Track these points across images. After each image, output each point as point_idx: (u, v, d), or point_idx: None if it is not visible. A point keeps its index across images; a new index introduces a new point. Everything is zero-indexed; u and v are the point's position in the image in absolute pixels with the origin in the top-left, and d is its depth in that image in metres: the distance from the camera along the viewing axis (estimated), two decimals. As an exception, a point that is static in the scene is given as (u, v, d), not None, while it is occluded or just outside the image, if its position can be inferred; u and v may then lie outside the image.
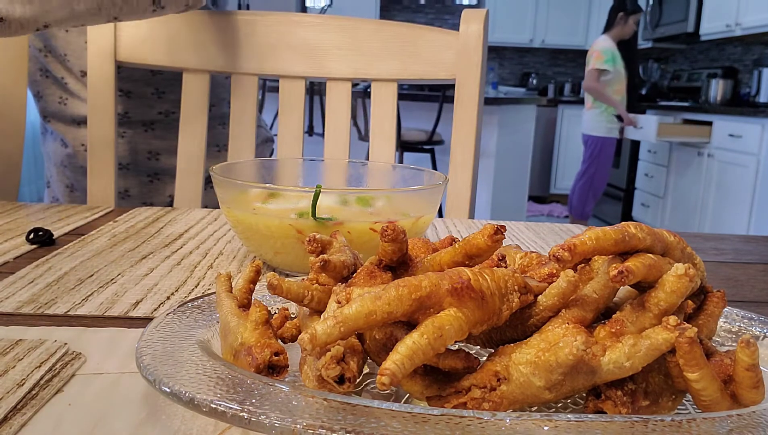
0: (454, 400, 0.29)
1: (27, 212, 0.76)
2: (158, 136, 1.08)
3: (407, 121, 3.71)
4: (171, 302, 0.49)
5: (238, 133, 1.01)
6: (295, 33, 0.98)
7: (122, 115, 1.05)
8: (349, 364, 0.28)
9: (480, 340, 0.32)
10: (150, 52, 0.98)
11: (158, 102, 1.07)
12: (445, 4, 6.50)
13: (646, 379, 0.28)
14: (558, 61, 6.85)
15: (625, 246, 0.29)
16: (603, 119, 4.21)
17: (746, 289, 0.59)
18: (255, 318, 0.32)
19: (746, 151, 3.73)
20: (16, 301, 0.47)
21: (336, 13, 5.37)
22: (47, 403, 0.32)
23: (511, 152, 3.99)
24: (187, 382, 0.28)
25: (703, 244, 0.77)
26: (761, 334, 0.37)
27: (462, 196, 0.95)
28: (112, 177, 0.98)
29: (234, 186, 0.58)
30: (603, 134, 4.24)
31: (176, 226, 0.72)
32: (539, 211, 5.68)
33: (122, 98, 1.04)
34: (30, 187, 2.91)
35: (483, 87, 0.96)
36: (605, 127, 4.22)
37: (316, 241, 0.36)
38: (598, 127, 4.24)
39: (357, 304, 0.27)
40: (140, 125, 1.07)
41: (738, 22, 4.33)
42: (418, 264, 0.34)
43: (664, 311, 0.28)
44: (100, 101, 0.97)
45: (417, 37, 0.96)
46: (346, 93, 0.99)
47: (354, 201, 0.59)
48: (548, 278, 0.33)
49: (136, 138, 1.07)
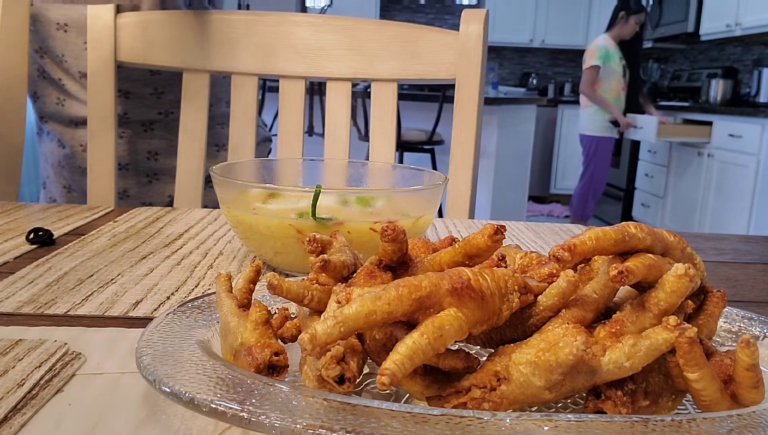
0: (454, 400, 0.29)
1: (27, 212, 0.76)
2: (157, 136, 1.08)
3: (407, 121, 3.71)
4: (171, 302, 0.49)
5: (238, 133, 1.00)
6: (295, 33, 0.98)
7: (121, 116, 1.05)
8: (349, 364, 0.28)
9: (480, 340, 0.32)
10: (150, 52, 0.98)
11: (157, 102, 1.07)
12: (445, 4, 6.50)
13: (646, 379, 0.28)
14: (558, 61, 6.85)
15: (625, 246, 0.29)
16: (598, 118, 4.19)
17: (746, 289, 0.59)
18: (255, 318, 0.32)
19: (746, 151, 3.73)
20: (16, 301, 0.47)
21: (336, 13, 5.37)
22: (47, 403, 0.32)
23: (511, 152, 3.99)
24: (187, 382, 0.28)
25: (703, 244, 0.77)
26: (761, 334, 0.37)
27: (462, 196, 0.95)
28: (112, 177, 0.98)
29: (234, 186, 0.58)
30: (599, 133, 4.23)
31: (176, 226, 0.72)
32: (539, 211, 5.68)
33: (121, 99, 1.04)
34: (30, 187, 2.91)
35: (483, 87, 0.96)
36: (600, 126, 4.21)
37: (316, 241, 0.36)
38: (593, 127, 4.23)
39: (357, 304, 0.27)
40: (139, 125, 1.07)
41: (738, 22, 4.33)
42: (418, 264, 0.34)
43: (664, 311, 0.28)
44: (100, 101, 0.97)
45: (417, 37, 0.96)
46: (346, 93, 0.99)
47: (354, 201, 0.59)
48: (548, 278, 0.33)
49: (135, 138, 1.07)
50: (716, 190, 4.03)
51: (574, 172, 6.20)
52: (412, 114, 3.76)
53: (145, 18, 0.98)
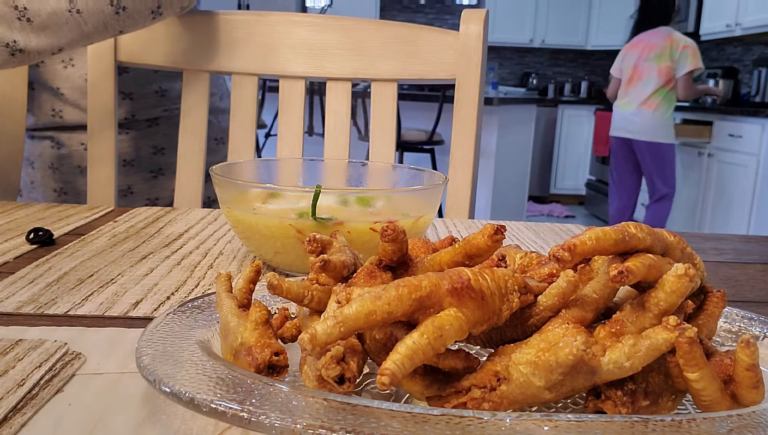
0: (454, 400, 0.29)
1: (27, 212, 0.76)
2: (161, 132, 1.08)
3: (407, 121, 3.71)
4: (171, 302, 0.49)
5: (238, 132, 1.00)
6: (295, 33, 0.98)
7: (128, 118, 1.05)
8: (349, 364, 0.28)
9: (480, 340, 0.32)
10: (150, 52, 0.98)
11: (161, 100, 1.07)
12: (445, 4, 6.50)
13: (646, 379, 0.28)
14: (558, 61, 6.85)
15: (625, 246, 0.29)
16: (672, 123, 3.56)
17: (746, 289, 0.59)
18: (255, 318, 0.32)
19: (746, 151, 3.73)
20: (16, 301, 0.47)
21: (336, 13, 5.38)
22: (47, 403, 0.32)
23: (511, 152, 3.99)
24: (187, 382, 0.28)
25: (703, 244, 0.77)
26: (761, 334, 0.37)
27: (462, 196, 0.95)
28: (113, 177, 0.98)
29: (234, 186, 0.58)
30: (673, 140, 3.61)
31: (176, 226, 0.72)
32: (539, 211, 5.68)
33: (126, 101, 1.04)
34: (30, 187, 2.90)
35: (483, 87, 0.96)
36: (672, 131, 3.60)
37: (316, 241, 0.36)
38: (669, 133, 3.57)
39: (357, 304, 0.27)
40: (144, 123, 1.07)
41: (738, 22, 4.33)
42: (418, 264, 0.34)
43: (664, 311, 0.28)
44: (100, 102, 0.97)
45: (417, 37, 0.96)
46: (346, 93, 0.99)
47: (354, 201, 0.59)
48: (548, 278, 0.33)
49: (139, 135, 1.07)
50: (716, 190, 4.03)
51: (574, 172, 6.21)
52: (412, 114, 3.76)
53: (145, 18, 0.98)
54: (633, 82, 3.58)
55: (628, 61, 3.58)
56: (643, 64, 3.50)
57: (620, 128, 3.71)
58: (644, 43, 3.50)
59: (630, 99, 3.60)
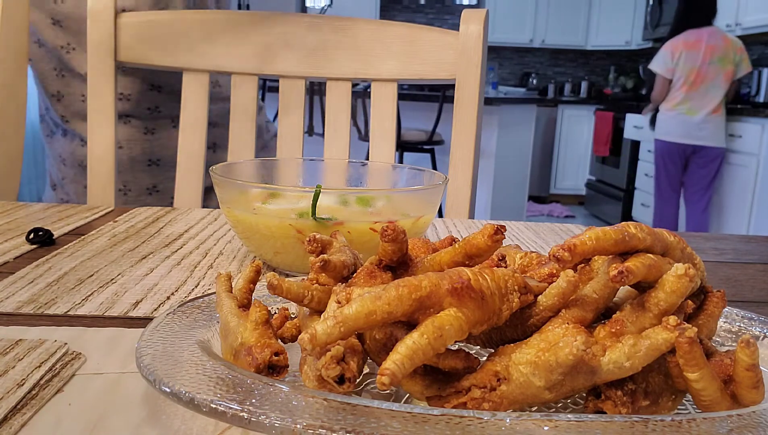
0: (454, 400, 0.29)
1: (27, 212, 0.76)
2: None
3: (407, 121, 3.71)
4: (171, 302, 0.49)
5: (238, 132, 1.00)
6: (295, 33, 0.98)
7: (152, 110, 1.05)
8: (349, 364, 0.28)
9: (480, 340, 0.32)
10: (150, 52, 0.98)
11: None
12: (445, 4, 6.50)
13: (646, 379, 0.28)
14: (558, 61, 6.85)
15: (625, 246, 0.29)
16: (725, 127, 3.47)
17: (746, 289, 0.59)
18: (255, 318, 0.32)
19: (746, 151, 3.72)
20: (16, 301, 0.47)
21: (336, 13, 5.37)
22: (47, 403, 0.32)
23: (511, 152, 3.99)
24: (187, 382, 0.28)
25: (703, 244, 0.77)
26: (761, 334, 0.37)
27: (462, 196, 0.95)
28: (112, 177, 0.98)
29: (234, 186, 0.58)
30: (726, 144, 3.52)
31: (176, 226, 0.72)
32: (539, 211, 5.68)
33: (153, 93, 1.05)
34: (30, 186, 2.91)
35: (483, 87, 0.96)
36: None
37: (316, 241, 0.36)
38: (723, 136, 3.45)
39: (357, 304, 0.27)
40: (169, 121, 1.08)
41: (738, 22, 4.33)
42: (418, 264, 0.34)
43: (664, 311, 0.28)
44: (100, 102, 0.97)
45: (417, 37, 0.96)
46: (346, 93, 0.99)
47: (354, 201, 0.59)
48: (548, 278, 0.33)
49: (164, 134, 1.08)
50: (716, 190, 4.03)
51: (574, 172, 6.20)
52: (412, 114, 3.77)
53: (145, 18, 0.98)
54: (696, 86, 3.39)
55: (688, 62, 3.37)
56: (708, 67, 3.33)
57: (684, 135, 3.52)
58: (704, 43, 3.32)
59: (694, 104, 3.43)
